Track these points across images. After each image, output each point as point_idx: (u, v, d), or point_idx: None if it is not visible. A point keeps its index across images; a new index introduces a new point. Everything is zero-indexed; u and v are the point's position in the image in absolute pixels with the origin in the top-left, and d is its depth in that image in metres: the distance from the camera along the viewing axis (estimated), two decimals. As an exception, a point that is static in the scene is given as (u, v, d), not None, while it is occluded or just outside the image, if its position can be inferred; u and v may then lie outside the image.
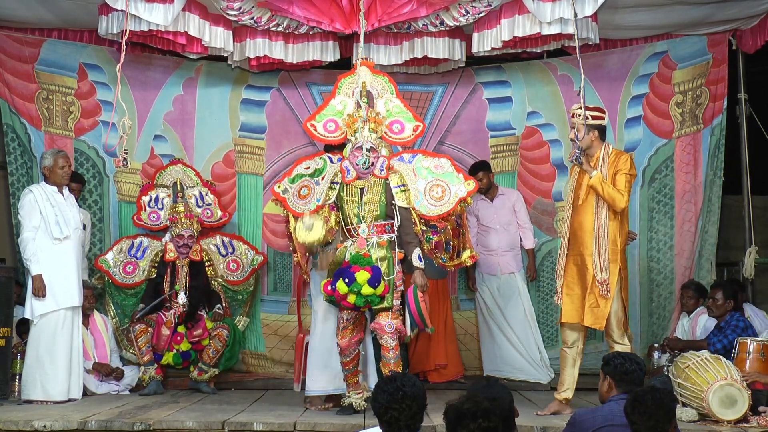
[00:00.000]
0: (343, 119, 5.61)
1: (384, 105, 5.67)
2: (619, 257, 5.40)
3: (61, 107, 7.40)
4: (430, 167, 5.66)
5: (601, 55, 7.54)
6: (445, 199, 5.60)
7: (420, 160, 5.71)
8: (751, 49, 7.15)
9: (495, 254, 7.24)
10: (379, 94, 5.70)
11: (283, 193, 5.68)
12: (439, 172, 5.66)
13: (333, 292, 5.30)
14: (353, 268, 5.25)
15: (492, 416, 3.14)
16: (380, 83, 5.74)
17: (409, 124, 5.68)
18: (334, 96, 5.73)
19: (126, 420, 5.08)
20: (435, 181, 5.63)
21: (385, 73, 5.88)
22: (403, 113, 5.70)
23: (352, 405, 5.53)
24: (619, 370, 4.03)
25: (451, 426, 3.20)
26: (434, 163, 5.69)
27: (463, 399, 3.23)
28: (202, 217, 7.14)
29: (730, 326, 5.85)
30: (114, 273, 7.00)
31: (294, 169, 5.78)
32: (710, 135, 7.42)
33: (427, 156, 5.77)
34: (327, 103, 5.74)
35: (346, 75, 5.80)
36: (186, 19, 6.51)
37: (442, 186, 5.62)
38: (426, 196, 5.60)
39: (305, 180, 5.70)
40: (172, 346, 6.66)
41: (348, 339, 5.47)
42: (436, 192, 5.60)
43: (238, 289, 7.22)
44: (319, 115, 5.69)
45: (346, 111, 5.64)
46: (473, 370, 7.47)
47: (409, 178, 5.61)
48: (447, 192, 5.61)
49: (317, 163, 5.78)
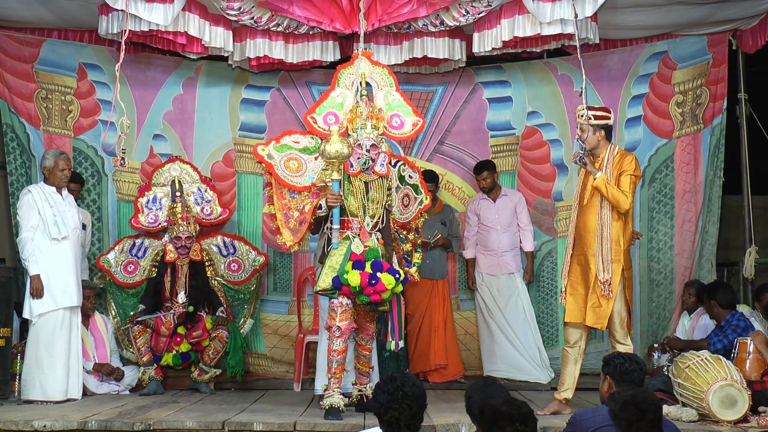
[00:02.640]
0: (345, 114, 5.59)
1: (384, 98, 5.66)
2: (622, 257, 5.40)
3: (60, 107, 7.40)
4: (405, 176, 5.81)
5: (601, 55, 7.55)
6: (409, 207, 5.78)
7: (401, 165, 5.84)
8: (751, 49, 7.15)
9: (495, 254, 7.23)
10: (378, 86, 5.69)
11: (268, 157, 5.67)
12: (410, 182, 5.81)
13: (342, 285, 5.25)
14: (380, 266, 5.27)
15: (529, 421, 3.20)
16: (380, 74, 5.73)
17: (409, 119, 5.67)
18: (334, 88, 5.71)
19: (126, 420, 5.07)
20: (407, 188, 5.79)
21: (384, 65, 5.86)
22: (402, 107, 5.70)
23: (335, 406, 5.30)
24: (619, 369, 4.03)
25: (486, 424, 3.21)
26: (409, 173, 5.83)
27: (501, 400, 3.29)
28: (202, 214, 7.12)
29: (731, 326, 5.84)
30: (115, 272, 7.00)
31: (282, 138, 5.78)
32: (710, 135, 7.42)
33: (406, 164, 5.88)
34: (327, 95, 5.71)
35: (346, 66, 5.77)
36: (186, 19, 6.51)
37: (410, 195, 5.79)
38: (398, 202, 5.75)
39: (293, 153, 5.70)
40: (171, 347, 6.65)
41: (348, 323, 5.33)
42: (405, 200, 5.78)
43: (240, 288, 7.22)
44: (320, 108, 5.67)
45: (346, 103, 5.61)
46: (473, 370, 7.47)
47: (393, 183, 5.70)
48: (412, 202, 5.77)
49: (308, 141, 5.76)
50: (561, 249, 7.30)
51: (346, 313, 5.33)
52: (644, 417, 3.35)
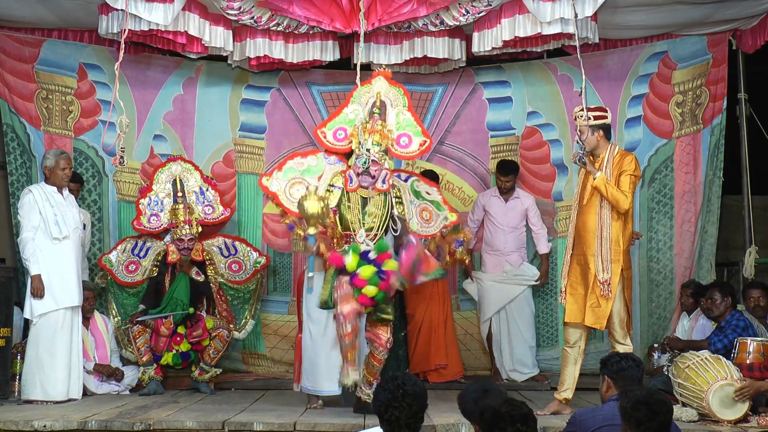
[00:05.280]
0: (355, 128, 5.59)
1: (395, 117, 5.68)
2: (621, 257, 5.39)
3: (61, 107, 7.40)
4: (421, 192, 5.85)
5: (601, 55, 7.55)
6: (432, 222, 5.81)
7: (414, 181, 5.89)
8: (750, 49, 7.15)
9: (500, 254, 7.25)
10: (392, 104, 5.71)
11: (273, 188, 5.72)
12: (429, 198, 5.85)
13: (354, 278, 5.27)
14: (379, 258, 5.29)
15: (529, 421, 3.20)
16: (394, 94, 5.74)
17: (417, 138, 5.68)
18: (348, 104, 5.74)
19: (126, 420, 5.07)
20: (425, 204, 5.83)
21: (401, 85, 5.86)
22: (412, 127, 5.70)
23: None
24: (616, 368, 4.02)
25: (486, 426, 3.21)
26: (426, 189, 5.90)
27: (501, 401, 3.29)
28: (203, 213, 7.11)
29: (731, 326, 5.83)
30: (116, 272, 7.00)
31: (284, 165, 5.82)
32: (710, 135, 7.42)
33: (421, 180, 5.95)
34: (340, 111, 5.75)
35: (363, 84, 5.79)
36: (186, 19, 6.51)
37: (430, 210, 5.82)
38: (416, 215, 5.75)
39: (297, 176, 5.73)
40: (171, 346, 6.65)
41: (350, 307, 5.30)
42: (426, 215, 5.80)
43: (240, 288, 7.21)
44: (331, 123, 5.71)
45: (357, 120, 5.64)
46: (473, 370, 7.48)
47: (404, 194, 5.71)
48: (434, 217, 5.82)
49: (311, 160, 5.79)
50: (561, 249, 7.29)
51: (346, 296, 5.31)
52: (655, 418, 3.32)
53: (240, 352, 7.45)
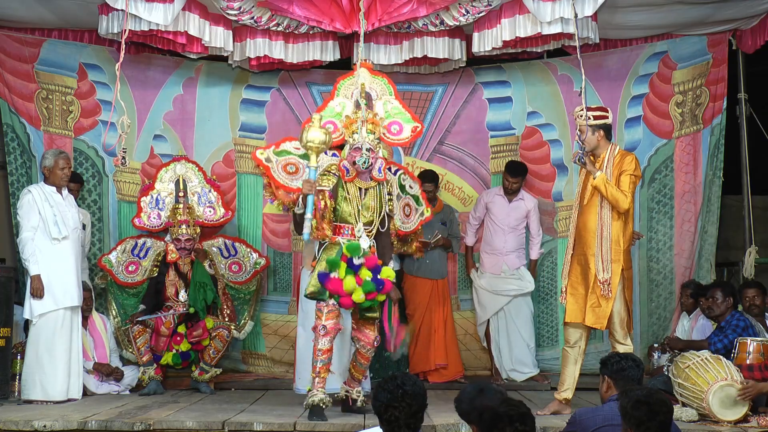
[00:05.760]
0: (341, 120, 5.62)
1: (383, 106, 5.70)
2: (622, 257, 5.39)
3: (61, 107, 7.40)
4: (406, 186, 5.94)
5: (601, 55, 7.55)
6: (411, 218, 5.93)
7: (401, 174, 5.99)
8: (750, 49, 7.16)
9: (499, 254, 7.25)
10: (378, 95, 5.73)
11: (266, 161, 5.76)
12: (411, 192, 5.95)
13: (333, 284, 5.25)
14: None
15: (528, 420, 3.20)
16: (379, 84, 5.78)
17: (408, 125, 5.72)
18: (333, 98, 5.76)
19: (126, 420, 5.07)
20: (407, 198, 5.93)
21: (384, 74, 5.91)
22: (401, 114, 5.74)
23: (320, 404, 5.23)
24: (616, 368, 4.02)
25: (486, 427, 3.21)
26: (410, 183, 6.00)
27: (499, 402, 3.29)
28: (205, 215, 7.11)
29: (731, 326, 5.84)
30: (116, 272, 7.00)
31: (282, 144, 5.90)
32: (710, 135, 7.42)
33: (406, 174, 6.02)
34: (326, 105, 5.77)
35: (345, 77, 5.82)
36: (186, 19, 6.52)
37: (411, 205, 5.94)
38: (399, 210, 5.82)
39: (292, 158, 5.80)
40: (171, 346, 6.65)
41: (333, 322, 5.29)
42: (407, 210, 5.92)
43: (240, 288, 7.21)
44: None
45: (344, 112, 5.65)
46: (473, 370, 7.48)
47: (393, 188, 5.74)
48: (413, 212, 5.94)
49: None
50: (561, 249, 7.30)
51: (332, 313, 5.30)
52: (655, 418, 3.32)
53: (240, 352, 7.45)
